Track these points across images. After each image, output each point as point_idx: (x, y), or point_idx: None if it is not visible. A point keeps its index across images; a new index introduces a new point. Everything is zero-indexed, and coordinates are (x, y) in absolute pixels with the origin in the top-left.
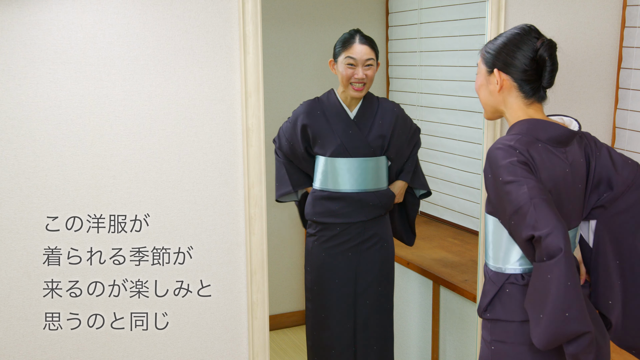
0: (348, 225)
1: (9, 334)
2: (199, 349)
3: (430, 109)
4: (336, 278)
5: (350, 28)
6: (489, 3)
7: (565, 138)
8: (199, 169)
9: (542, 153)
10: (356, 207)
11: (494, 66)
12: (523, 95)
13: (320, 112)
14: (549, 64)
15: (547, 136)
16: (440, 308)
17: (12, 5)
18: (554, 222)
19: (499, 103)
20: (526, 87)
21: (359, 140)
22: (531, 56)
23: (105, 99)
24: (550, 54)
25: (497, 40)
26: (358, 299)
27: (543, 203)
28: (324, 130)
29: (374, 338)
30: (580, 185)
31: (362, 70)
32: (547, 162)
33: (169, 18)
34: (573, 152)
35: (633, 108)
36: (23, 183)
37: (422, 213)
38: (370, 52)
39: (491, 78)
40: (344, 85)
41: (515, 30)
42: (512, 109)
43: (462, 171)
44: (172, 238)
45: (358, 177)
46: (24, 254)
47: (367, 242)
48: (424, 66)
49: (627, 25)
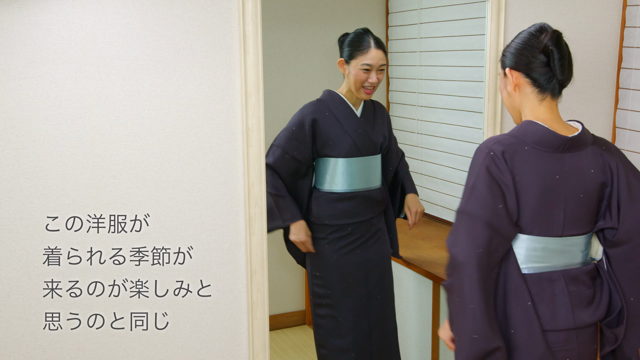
0: (359, 224)
1: (9, 334)
2: (199, 349)
3: (430, 109)
4: (350, 278)
5: (350, 28)
6: (489, 3)
7: (553, 144)
8: (199, 169)
9: (529, 155)
10: (366, 205)
11: (505, 66)
12: (538, 90)
13: (329, 113)
14: (556, 53)
15: (534, 139)
16: (440, 308)
17: (12, 5)
18: (465, 244)
19: (518, 103)
20: (538, 81)
21: (367, 139)
22: (538, 48)
23: (105, 99)
24: (556, 42)
25: (511, 42)
26: (371, 295)
27: (470, 221)
28: (336, 131)
29: (387, 332)
30: (582, 196)
31: (376, 75)
32: (534, 164)
33: (169, 18)
34: (577, 159)
35: (633, 108)
36: (23, 183)
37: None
38: (384, 57)
39: (507, 79)
40: (355, 87)
41: (527, 29)
42: (527, 107)
43: (462, 171)
44: (172, 238)
45: (368, 175)
46: (24, 254)
47: (373, 237)
48: (424, 66)
49: (627, 25)
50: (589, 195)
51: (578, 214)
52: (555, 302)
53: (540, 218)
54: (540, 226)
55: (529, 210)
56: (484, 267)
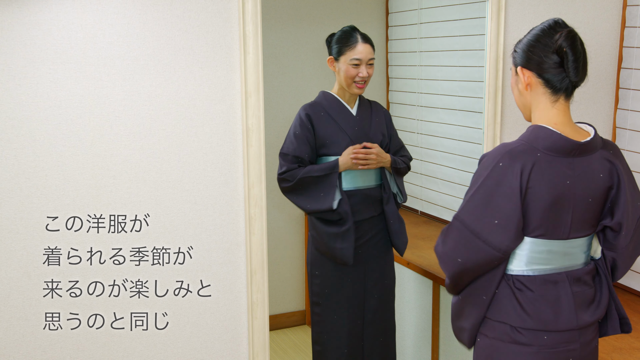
0: (360, 223)
1: (9, 334)
2: (199, 349)
3: (430, 109)
4: (348, 277)
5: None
6: (489, 3)
7: (565, 149)
8: (199, 169)
9: (541, 162)
10: (366, 204)
11: (517, 64)
12: (550, 92)
13: (324, 113)
14: (570, 55)
15: (546, 145)
16: (440, 308)
17: (12, 5)
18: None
19: (529, 102)
20: (551, 82)
21: (365, 136)
22: (551, 48)
23: (105, 99)
24: (570, 43)
25: (523, 38)
26: (367, 294)
27: (458, 233)
28: (332, 131)
29: (380, 330)
30: (590, 200)
31: (366, 69)
32: (546, 171)
33: (169, 18)
34: (587, 163)
35: (633, 108)
36: (23, 183)
37: (422, 213)
38: (372, 51)
39: (518, 77)
40: (346, 84)
41: (540, 25)
42: (538, 108)
43: (462, 171)
44: (172, 238)
45: (366, 173)
46: (24, 254)
47: (374, 237)
48: (424, 66)
49: (627, 25)
50: (597, 199)
51: (585, 217)
52: (560, 303)
53: (547, 223)
54: (547, 230)
55: (538, 216)
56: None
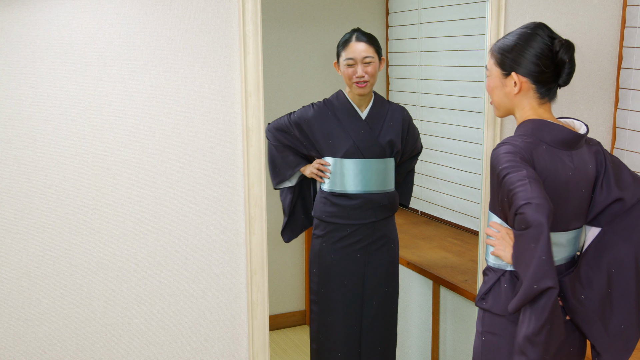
0: (358, 226)
1: (9, 334)
2: (199, 349)
3: (430, 109)
4: (344, 280)
5: (350, 28)
6: (489, 3)
7: (570, 141)
8: (199, 169)
9: (545, 155)
10: (367, 208)
11: (511, 69)
12: (539, 96)
13: (331, 113)
14: (567, 66)
15: (552, 138)
16: (440, 308)
17: (12, 5)
18: (542, 199)
19: (514, 104)
20: (543, 88)
21: (371, 141)
22: (550, 58)
23: (105, 99)
24: (570, 55)
25: (507, 41)
26: (365, 300)
27: (538, 184)
28: (336, 131)
29: (378, 339)
30: (583, 191)
31: (362, 68)
32: (550, 165)
33: (169, 18)
34: (580, 156)
35: (633, 108)
36: (23, 183)
37: (422, 213)
38: (368, 49)
39: (507, 81)
40: (348, 84)
41: (525, 30)
42: (524, 109)
43: (462, 171)
44: (172, 238)
45: (370, 178)
46: (24, 254)
47: (375, 242)
48: (424, 66)
49: (627, 25)
50: (588, 190)
51: (580, 208)
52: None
53: (555, 215)
54: (554, 222)
55: None
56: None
